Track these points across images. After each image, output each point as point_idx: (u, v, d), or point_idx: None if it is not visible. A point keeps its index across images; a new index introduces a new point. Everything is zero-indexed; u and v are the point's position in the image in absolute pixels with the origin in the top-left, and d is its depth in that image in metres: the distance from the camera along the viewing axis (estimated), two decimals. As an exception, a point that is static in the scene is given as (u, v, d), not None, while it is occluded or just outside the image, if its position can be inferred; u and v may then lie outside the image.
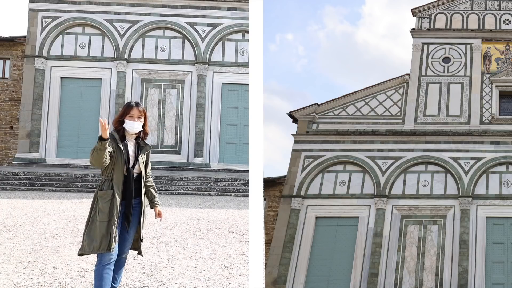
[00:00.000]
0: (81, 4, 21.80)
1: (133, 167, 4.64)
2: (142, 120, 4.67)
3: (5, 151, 21.94)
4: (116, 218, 4.47)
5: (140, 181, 4.73)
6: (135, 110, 4.62)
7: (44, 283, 5.81)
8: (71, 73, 21.88)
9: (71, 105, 21.87)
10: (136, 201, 4.72)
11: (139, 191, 4.71)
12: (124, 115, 4.61)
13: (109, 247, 4.43)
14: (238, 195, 17.41)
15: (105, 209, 4.46)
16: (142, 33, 22.11)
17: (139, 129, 4.66)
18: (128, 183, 4.58)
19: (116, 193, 4.49)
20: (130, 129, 4.61)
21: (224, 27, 22.20)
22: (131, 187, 4.59)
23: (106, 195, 4.49)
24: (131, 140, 4.72)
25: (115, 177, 4.53)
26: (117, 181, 4.53)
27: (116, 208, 4.47)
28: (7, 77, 22.23)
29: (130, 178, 4.59)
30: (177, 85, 22.17)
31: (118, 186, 4.52)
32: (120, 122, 4.63)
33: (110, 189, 4.51)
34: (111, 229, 4.45)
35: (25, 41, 21.60)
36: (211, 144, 22.07)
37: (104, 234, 4.43)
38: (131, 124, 4.59)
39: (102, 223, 4.45)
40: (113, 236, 4.44)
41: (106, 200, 4.48)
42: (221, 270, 6.79)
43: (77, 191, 17.00)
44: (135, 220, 4.74)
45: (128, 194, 4.57)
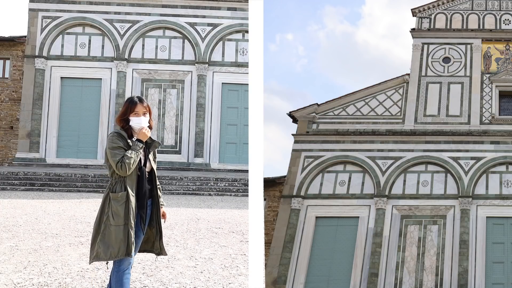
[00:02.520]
0: (81, 4, 21.80)
1: (144, 165, 4.38)
2: (147, 116, 4.39)
3: (5, 151, 21.94)
4: (132, 221, 4.20)
5: (152, 180, 4.46)
6: (140, 107, 4.34)
7: (44, 283, 5.81)
8: (71, 73, 21.88)
9: (71, 105, 21.87)
10: (149, 202, 4.45)
11: (151, 191, 4.45)
12: (128, 113, 4.33)
13: (128, 252, 4.16)
14: (238, 195, 17.41)
15: (120, 212, 4.18)
16: (142, 33, 22.11)
17: (146, 125, 4.38)
18: (142, 183, 4.33)
19: (131, 195, 4.23)
20: (137, 126, 4.33)
21: (224, 27, 22.20)
22: (144, 187, 4.34)
23: (121, 197, 4.21)
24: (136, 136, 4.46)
25: (128, 177, 4.26)
26: (130, 182, 4.26)
27: (132, 211, 4.21)
28: (7, 77, 22.22)
29: (143, 178, 4.34)
30: (177, 85, 22.18)
31: (132, 187, 4.26)
32: (125, 120, 4.35)
33: (123, 190, 4.23)
34: (128, 233, 4.17)
35: (25, 41, 21.60)
36: (211, 144, 22.07)
37: (122, 239, 4.15)
38: (138, 121, 4.32)
39: (118, 227, 4.17)
40: (132, 241, 4.17)
41: (120, 202, 4.20)
42: (221, 270, 6.79)
43: (77, 191, 17.00)
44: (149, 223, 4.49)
45: (141, 195, 4.32)
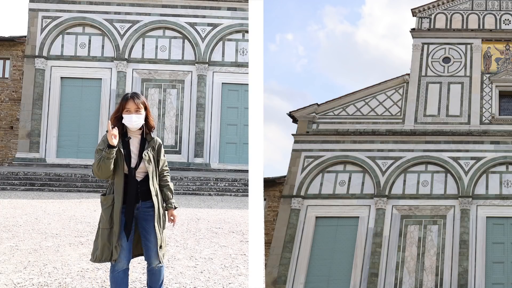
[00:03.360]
0: (81, 4, 21.80)
1: (136, 167, 4.15)
2: (141, 113, 4.13)
3: (5, 151, 21.94)
4: (118, 226, 4.06)
5: (149, 181, 4.19)
6: (131, 103, 4.09)
7: (44, 283, 5.81)
8: (71, 73, 21.87)
9: (71, 105, 21.87)
10: (147, 204, 4.22)
11: (147, 193, 4.19)
12: (121, 110, 4.11)
13: (113, 257, 4.07)
14: (238, 195, 17.41)
15: (105, 215, 4.09)
16: (142, 33, 22.11)
17: (139, 123, 4.13)
18: (130, 185, 4.10)
19: (116, 199, 4.07)
20: (129, 124, 4.11)
21: (224, 27, 22.20)
22: (132, 191, 4.11)
23: (106, 201, 4.12)
24: (135, 136, 4.23)
25: (116, 180, 4.10)
26: (117, 185, 4.09)
27: (117, 215, 4.06)
28: (7, 77, 22.22)
29: (132, 180, 4.11)
30: (177, 85, 22.18)
31: (119, 190, 4.08)
32: (118, 118, 4.13)
33: (112, 193, 4.11)
34: (112, 237, 4.07)
35: (25, 41, 21.60)
36: (211, 144, 22.07)
37: (105, 243, 4.07)
38: (129, 119, 4.09)
39: (104, 231, 4.09)
40: (114, 246, 4.05)
41: (106, 206, 4.11)
42: (221, 270, 6.79)
43: (77, 191, 17.00)
44: (151, 227, 4.22)
45: (128, 199, 4.10)
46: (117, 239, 4.06)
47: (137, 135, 4.25)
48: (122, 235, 4.11)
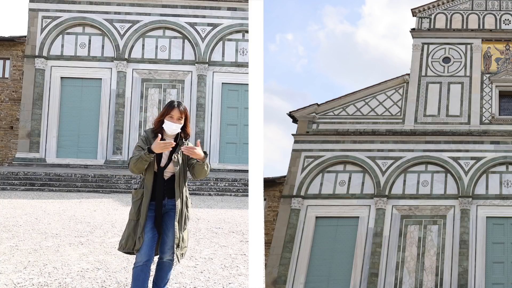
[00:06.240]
0: (81, 4, 21.79)
1: (165, 167, 4.48)
2: (182, 122, 4.48)
3: (5, 151, 21.94)
4: (144, 218, 4.38)
5: (175, 181, 4.52)
6: (176, 111, 4.43)
7: (44, 283, 5.81)
8: (71, 73, 21.86)
9: (71, 105, 21.86)
10: (173, 202, 4.52)
11: (172, 192, 4.51)
12: (164, 115, 4.45)
13: (136, 248, 4.35)
14: (238, 195, 17.41)
15: (134, 208, 4.44)
16: (142, 33, 22.11)
17: (177, 130, 4.48)
18: (158, 183, 4.45)
19: (145, 193, 4.42)
20: (168, 130, 4.45)
21: (224, 27, 22.19)
22: (160, 188, 4.45)
23: (136, 194, 4.46)
24: (170, 139, 4.54)
25: (147, 176, 4.45)
26: (147, 181, 4.44)
27: (145, 208, 4.39)
28: (7, 77, 22.23)
29: (160, 178, 4.46)
30: (177, 85, 22.17)
31: (148, 186, 4.44)
32: (160, 122, 4.49)
33: (141, 188, 4.48)
34: (137, 228, 4.38)
35: (25, 41, 21.59)
36: (211, 144, 22.06)
37: (130, 232, 4.40)
38: (169, 125, 4.43)
39: (131, 222, 4.43)
40: (138, 237, 4.35)
41: (135, 199, 4.46)
42: (221, 270, 6.79)
43: (77, 191, 16.99)
44: (171, 223, 4.51)
45: (158, 195, 4.45)
46: (141, 231, 4.36)
47: (171, 138, 4.56)
48: (147, 229, 4.40)
